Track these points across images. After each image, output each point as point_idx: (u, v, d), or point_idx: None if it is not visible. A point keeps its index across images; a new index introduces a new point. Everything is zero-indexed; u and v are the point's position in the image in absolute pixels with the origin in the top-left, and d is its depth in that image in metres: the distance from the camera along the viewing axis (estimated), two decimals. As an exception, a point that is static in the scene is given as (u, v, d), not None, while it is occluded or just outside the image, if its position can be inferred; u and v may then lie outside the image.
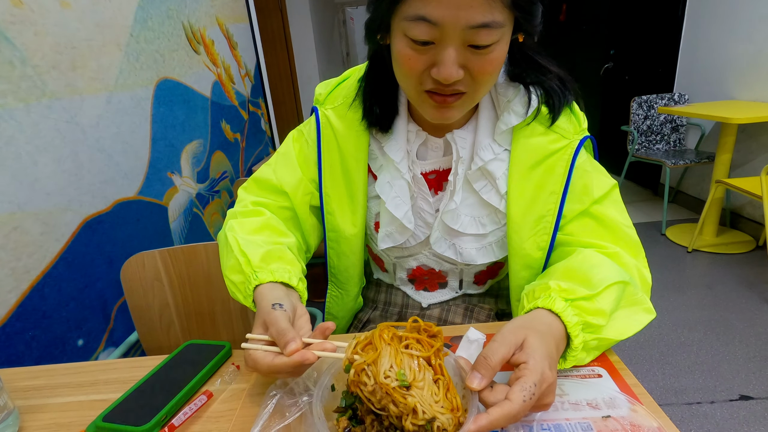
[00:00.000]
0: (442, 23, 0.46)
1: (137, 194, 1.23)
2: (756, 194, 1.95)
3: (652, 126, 2.95)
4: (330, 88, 0.68)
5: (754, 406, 1.40)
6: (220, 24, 1.90)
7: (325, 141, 0.66)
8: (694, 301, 2.00)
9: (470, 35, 0.47)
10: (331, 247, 0.71)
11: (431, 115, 0.57)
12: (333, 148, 0.66)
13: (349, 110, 0.65)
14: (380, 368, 0.37)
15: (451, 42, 0.48)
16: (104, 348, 1.05)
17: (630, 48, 3.50)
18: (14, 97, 0.86)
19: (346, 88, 0.67)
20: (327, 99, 0.68)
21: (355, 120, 0.64)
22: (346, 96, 0.66)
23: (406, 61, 0.51)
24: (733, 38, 2.54)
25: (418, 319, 0.45)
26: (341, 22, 5.08)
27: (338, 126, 0.66)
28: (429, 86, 0.53)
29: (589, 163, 0.62)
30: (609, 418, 0.44)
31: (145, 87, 1.31)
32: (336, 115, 0.66)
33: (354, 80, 0.66)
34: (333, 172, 0.67)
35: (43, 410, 0.53)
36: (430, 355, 0.40)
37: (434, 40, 0.48)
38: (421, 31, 0.47)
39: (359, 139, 0.65)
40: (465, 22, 0.46)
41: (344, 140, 0.65)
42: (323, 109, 0.67)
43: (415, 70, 0.51)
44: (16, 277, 0.83)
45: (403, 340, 0.41)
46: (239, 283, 0.57)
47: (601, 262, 0.54)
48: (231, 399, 0.52)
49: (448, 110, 0.55)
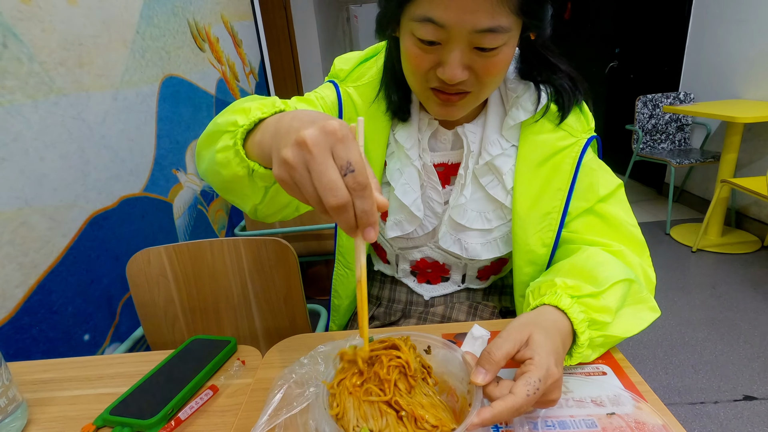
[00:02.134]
0: (449, 26, 0.47)
1: (143, 191, 1.23)
2: (762, 194, 1.94)
3: (657, 125, 2.93)
4: (352, 65, 0.66)
5: (758, 407, 1.40)
6: (225, 22, 1.91)
7: (347, 118, 0.66)
8: (699, 301, 1.99)
9: (476, 38, 0.47)
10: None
11: (435, 111, 0.58)
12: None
13: (373, 93, 0.64)
14: (349, 423, 0.38)
15: (456, 44, 0.48)
16: (110, 343, 1.06)
17: (635, 46, 3.48)
18: (22, 93, 0.86)
19: (371, 68, 0.66)
20: (349, 77, 0.66)
21: (380, 104, 0.64)
22: (371, 77, 0.65)
23: (413, 59, 0.52)
24: (740, 37, 2.52)
25: (386, 339, 0.44)
26: (345, 20, 5.07)
27: (361, 105, 0.65)
28: (434, 84, 0.53)
29: (595, 161, 0.63)
30: (613, 416, 0.44)
31: (151, 84, 1.31)
32: (359, 94, 0.65)
33: (379, 63, 0.65)
34: None
35: (51, 403, 0.53)
36: (388, 399, 0.40)
37: (440, 41, 0.49)
38: (428, 32, 0.48)
39: (381, 121, 0.64)
40: (471, 26, 0.46)
41: (367, 120, 0.64)
42: (344, 86, 0.66)
43: (421, 68, 0.52)
44: (24, 272, 0.84)
45: (364, 385, 0.41)
46: (258, 106, 0.46)
47: (607, 260, 0.54)
48: (236, 394, 0.53)
49: (453, 108, 0.56)
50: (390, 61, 0.62)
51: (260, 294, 0.90)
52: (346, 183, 0.33)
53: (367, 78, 0.65)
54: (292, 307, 0.90)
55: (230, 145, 0.47)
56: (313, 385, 0.47)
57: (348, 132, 0.34)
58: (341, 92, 0.66)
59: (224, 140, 0.48)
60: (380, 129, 0.65)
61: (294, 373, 0.49)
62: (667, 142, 2.97)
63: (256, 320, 0.92)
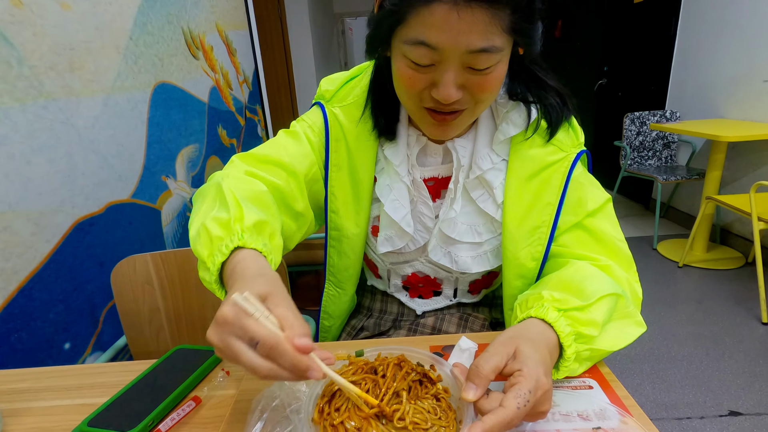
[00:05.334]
0: (442, 48, 0.47)
1: (131, 197, 1.22)
2: (745, 211, 1.98)
3: (644, 142, 2.99)
4: (338, 86, 0.67)
5: (743, 422, 1.41)
6: (220, 30, 1.91)
7: (333, 139, 0.66)
8: (685, 316, 2.01)
9: (469, 59, 0.48)
10: (332, 245, 0.71)
11: (431, 132, 0.58)
12: (342, 147, 0.66)
13: (359, 112, 0.65)
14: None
15: (450, 65, 0.48)
16: (91, 352, 1.03)
17: (623, 65, 3.57)
18: (10, 96, 0.85)
19: (355, 87, 0.66)
20: (335, 97, 0.67)
21: (366, 123, 0.64)
22: (356, 96, 0.65)
23: (406, 80, 0.52)
24: (723, 58, 2.60)
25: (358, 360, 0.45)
26: (340, 32, 5.13)
27: (347, 125, 0.65)
28: (428, 104, 0.53)
29: (584, 176, 0.63)
30: (599, 430, 0.44)
31: (143, 90, 1.31)
32: (344, 114, 0.65)
33: (364, 84, 0.65)
34: (340, 171, 0.66)
35: (27, 414, 0.52)
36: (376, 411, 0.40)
37: (434, 62, 0.49)
38: (421, 55, 0.48)
39: (368, 140, 0.65)
40: (465, 47, 0.46)
41: (353, 140, 0.65)
42: (330, 106, 0.66)
43: (415, 89, 0.52)
44: (5, 278, 0.82)
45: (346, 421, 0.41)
46: (216, 237, 0.48)
47: (594, 273, 0.54)
48: (219, 405, 0.52)
49: (448, 127, 0.56)
50: (380, 80, 0.62)
51: (247, 303, 0.89)
52: (260, 353, 0.36)
53: (352, 97, 0.66)
54: (279, 318, 0.89)
55: (207, 281, 0.49)
56: (295, 408, 0.45)
57: (238, 312, 0.37)
58: (327, 113, 0.66)
59: (203, 272, 0.50)
60: (368, 147, 0.65)
61: (275, 396, 0.47)
62: (654, 158, 3.03)
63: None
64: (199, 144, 1.68)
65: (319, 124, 0.67)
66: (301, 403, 0.44)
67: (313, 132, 0.67)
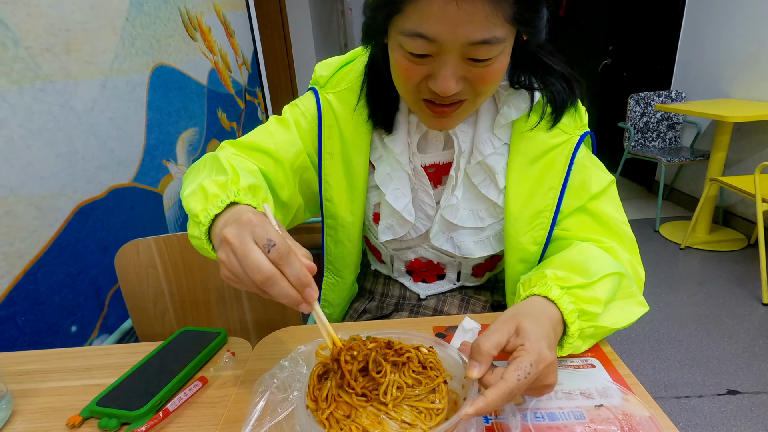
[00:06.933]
0: (441, 40, 0.45)
1: (132, 181, 1.22)
2: (749, 192, 1.97)
3: (648, 123, 2.96)
4: (332, 71, 0.65)
5: (741, 401, 1.43)
6: (218, 10, 1.87)
7: (326, 126, 0.64)
8: (686, 297, 2.02)
9: (470, 50, 0.46)
10: (329, 234, 0.71)
11: (429, 123, 0.57)
12: (335, 134, 0.65)
13: (353, 98, 0.63)
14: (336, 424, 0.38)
15: (449, 56, 0.46)
16: (98, 335, 1.05)
17: (628, 45, 3.50)
18: (7, 79, 0.84)
19: (350, 72, 0.64)
20: (329, 83, 0.65)
21: (361, 112, 0.63)
22: (350, 81, 0.64)
23: (403, 72, 0.50)
24: (731, 37, 2.55)
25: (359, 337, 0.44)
26: (340, 12, 5.03)
27: (341, 112, 0.64)
28: (427, 95, 0.52)
29: (588, 158, 0.62)
30: (602, 407, 0.44)
31: (141, 72, 1.29)
32: (338, 100, 0.64)
33: (358, 68, 0.64)
34: (333, 158, 0.65)
35: (37, 394, 0.53)
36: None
37: (432, 54, 0.47)
38: (418, 46, 0.46)
39: (363, 127, 0.63)
40: (464, 39, 0.44)
41: (347, 127, 0.64)
42: (324, 92, 0.65)
43: (413, 80, 0.50)
44: (9, 262, 0.82)
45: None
46: (212, 195, 0.48)
47: (598, 254, 0.54)
48: (226, 385, 0.52)
49: (447, 119, 0.54)
50: (375, 68, 0.60)
51: (251, 286, 0.90)
52: (271, 258, 0.38)
53: (345, 83, 0.64)
54: (283, 300, 0.90)
55: (197, 236, 0.49)
56: (296, 389, 0.45)
57: (262, 217, 0.40)
58: (320, 100, 0.64)
59: (192, 228, 0.51)
60: (362, 134, 0.64)
61: (275, 378, 0.47)
62: (658, 140, 2.99)
63: (247, 312, 0.92)
64: (199, 127, 1.66)
65: (312, 110, 0.66)
66: (302, 384, 0.44)
67: (305, 119, 0.66)
